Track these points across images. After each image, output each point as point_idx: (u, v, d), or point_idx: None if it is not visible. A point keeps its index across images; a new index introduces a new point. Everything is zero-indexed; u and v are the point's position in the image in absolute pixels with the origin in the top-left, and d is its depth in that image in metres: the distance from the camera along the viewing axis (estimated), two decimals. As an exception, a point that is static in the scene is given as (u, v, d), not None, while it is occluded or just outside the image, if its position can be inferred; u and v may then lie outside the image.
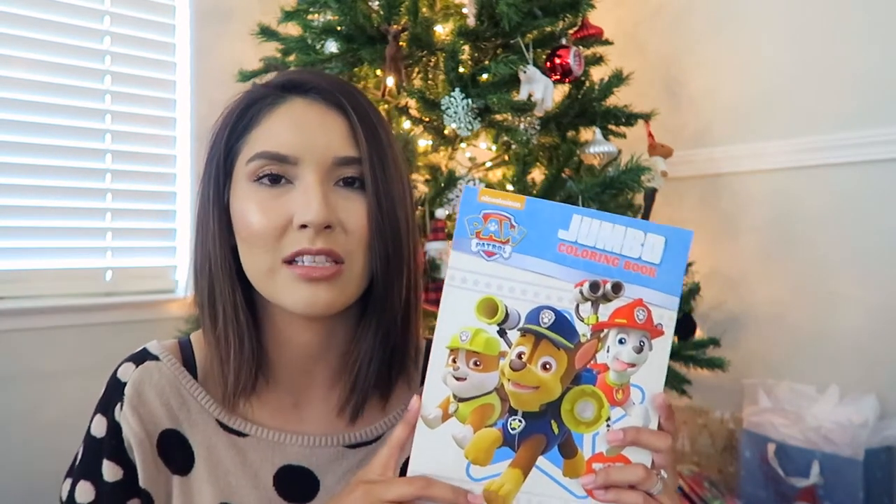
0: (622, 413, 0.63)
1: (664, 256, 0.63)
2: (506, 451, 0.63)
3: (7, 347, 1.71)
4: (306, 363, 0.74)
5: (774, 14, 2.03)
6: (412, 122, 1.61)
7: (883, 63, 1.83)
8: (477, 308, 0.63)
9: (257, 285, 0.69)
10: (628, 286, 0.63)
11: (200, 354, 0.74)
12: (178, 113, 2.05)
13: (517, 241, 0.63)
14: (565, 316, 0.63)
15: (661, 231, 0.64)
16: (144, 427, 0.69)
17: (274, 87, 0.71)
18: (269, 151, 0.67)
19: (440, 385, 0.62)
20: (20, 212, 1.78)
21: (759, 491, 1.88)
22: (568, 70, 1.50)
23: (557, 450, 0.63)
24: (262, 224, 0.66)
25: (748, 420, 1.92)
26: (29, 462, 1.70)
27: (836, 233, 1.91)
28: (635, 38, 2.30)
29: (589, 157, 1.59)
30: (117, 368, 0.72)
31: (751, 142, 2.07)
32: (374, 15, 1.50)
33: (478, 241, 0.63)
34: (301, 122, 0.68)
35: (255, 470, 0.71)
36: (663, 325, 0.63)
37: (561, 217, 0.63)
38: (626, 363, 0.63)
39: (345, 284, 0.67)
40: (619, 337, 0.63)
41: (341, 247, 0.66)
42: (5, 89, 1.74)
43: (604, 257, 0.63)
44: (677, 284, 0.63)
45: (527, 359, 0.62)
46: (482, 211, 0.64)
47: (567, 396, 0.63)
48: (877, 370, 1.81)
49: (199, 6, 2.05)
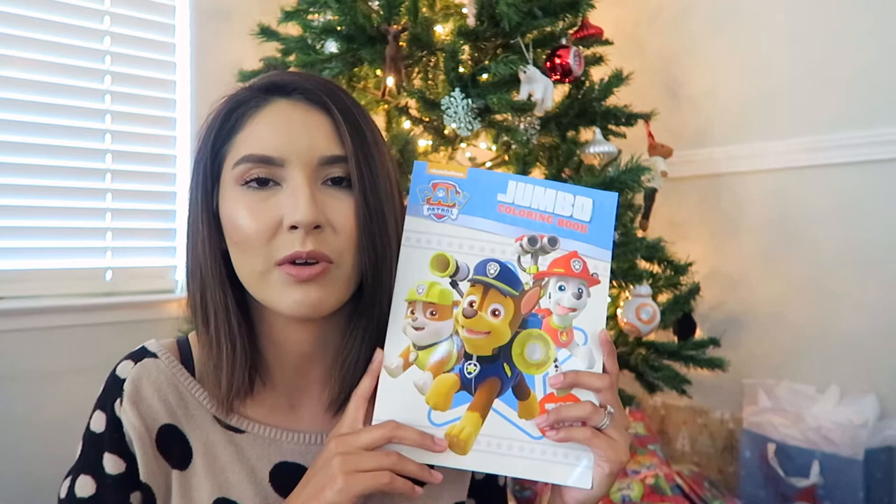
0: (568, 354, 0.69)
1: (593, 215, 0.71)
2: (464, 395, 0.67)
3: (7, 347, 1.71)
4: (301, 364, 0.75)
5: (774, 14, 2.03)
6: (412, 122, 1.61)
7: (883, 63, 1.83)
8: (431, 263, 0.69)
9: (250, 289, 0.70)
10: (563, 240, 0.70)
11: (198, 353, 0.75)
12: (178, 113, 2.05)
13: (462, 204, 0.71)
14: (509, 267, 0.70)
15: (588, 193, 0.72)
16: (144, 422, 0.70)
17: (256, 90, 0.71)
18: (255, 154, 0.67)
19: (400, 335, 0.68)
20: (20, 212, 1.77)
21: (759, 491, 1.88)
22: (568, 70, 1.50)
23: (512, 392, 0.68)
24: (252, 227, 0.66)
25: (748, 420, 1.93)
26: (29, 462, 1.69)
27: (836, 233, 1.91)
28: (635, 38, 2.30)
29: (589, 157, 1.59)
30: (116, 366, 0.73)
31: (751, 142, 2.08)
32: (374, 15, 1.50)
33: (428, 206, 0.71)
34: (285, 123, 0.69)
35: (252, 466, 0.72)
36: (598, 275, 0.70)
37: (499, 183, 0.72)
38: (566, 308, 0.69)
39: (334, 284, 0.68)
40: (559, 284, 0.70)
41: (331, 247, 0.67)
42: (5, 89, 1.74)
43: (539, 216, 0.71)
44: (608, 239, 0.71)
45: (477, 307, 0.69)
46: (431, 181, 0.72)
47: (516, 340, 0.69)
48: (877, 370, 1.81)
49: (199, 6, 2.05)
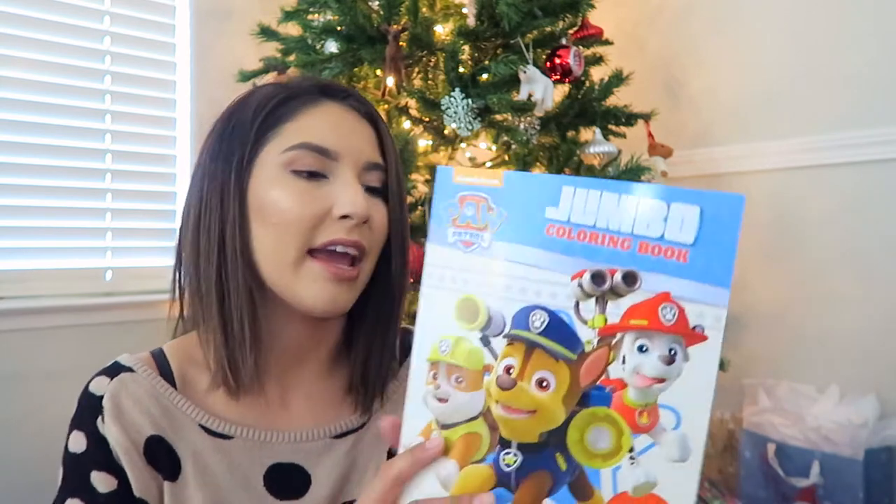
0: (650, 441, 0.49)
1: (701, 233, 0.47)
2: (502, 493, 0.50)
3: (7, 347, 1.71)
4: (295, 359, 0.75)
5: (774, 14, 2.03)
6: (412, 122, 1.61)
7: (883, 63, 1.82)
8: (456, 311, 0.51)
9: (273, 275, 0.69)
10: (647, 276, 0.48)
11: (176, 363, 0.74)
12: (178, 113, 2.05)
13: (497, 226, 0.51)
14: (561, 318, 0.49)
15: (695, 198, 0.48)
16: (129, 435, 0.67)
17: (312, 87, 0.74)
18: (312, 143, 0.69)
19: (421, 407, 0.52)
20: (20, 212, 1.78)
21: (759, 491, 1.88)
22: (568, 70, 1.50)
23: (568, 490, 0.50)
24: (297, 211, 0.67)
25: (748, 420, 1.92)
26: (29, 462, 1.69)
27: (836, 233, 1.91)
28: (635, 38, 2.29)
29: (589, 157, 1.59)
30: (89, 383, 0.71)
31: (751, 142, 2.07)
32: (374, 15, 1.50)
33: (454, 229, 0.52)
34: (341, 123, 0.72)
35: (244, 472, 0.70)
36: (704, 328, 0.48)
37: (548, 191, 0.50)
38: (650, 378, 0.48)
39: (359, 286, 0.71)
40: (639, 343, 0.49)
41: (368, 242, 0.70)
42: (5, 89, 1.74)
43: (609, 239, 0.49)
44: (725, 270, 0.48)
45: (517, 374, 0.50)
46: (458, 194, 0.52)
47: (573, 423, 0.50)
48: (877, 370, 1.81)
49: (199, 6, 2.05)
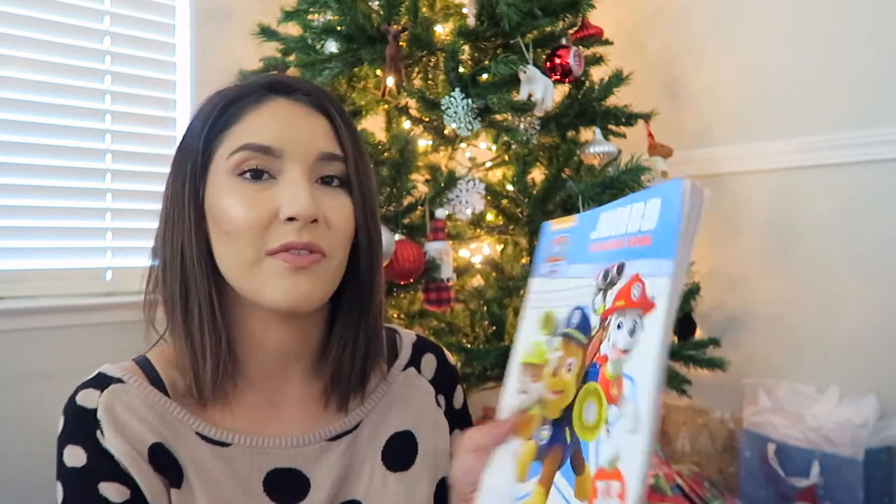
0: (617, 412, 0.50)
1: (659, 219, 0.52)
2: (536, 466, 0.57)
3: (7, 347, 1.71)
4: (280, 364, 0.74)
5: (774, 14, 2.03)
6: (412, 122, 1.61)
7: (883, 63, 1.82)
8: (541, 323, 0.64)
9: (235, 280, 0.68)
10: (629, 263, 0.54)
11: (164, 370, 0.72)
12: (178, 113, 2.04)
13: (567, 254, 0.64)
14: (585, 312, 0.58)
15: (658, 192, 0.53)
16: (132, 445, 0.66)
17: (257, 86, 0.72)
18: (254, 143, 0.67)
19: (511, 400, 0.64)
20: (20, 212, 1.77)
21: (759, 491, 1.88)
22: (568, 70, 1.50)
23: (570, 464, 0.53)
24: (246, 217, 0.66)
25: (748, 420, 1.92)
26: (29, 462, 1.69)
27: (836, 233, 1.91)
28: (635, 38, 2.29)
29: (589, 157, 1.59)
30: (74, 396, 0.69)
31: (751, 142, 2.07)
32: (374, 15, 1.50)
33: (547, 264, 0.66)
34: (287, 118, 0.69)
35: (245, 478, 0.70)
36: (655, 297, 0.50)
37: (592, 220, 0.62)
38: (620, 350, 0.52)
39: (323, 278, 0.68)
40: (618, 321, 0.53)
41: (325, 242, 0.68)
42: (5, 89, 1.74)
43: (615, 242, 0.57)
44: (670, 244, 0.50)
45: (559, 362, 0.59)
46: (553, 238, 0.67)
47: (578, 398, 0.55)
48: (877, 370, 1.81)
49: (199, 6, 2.05)
